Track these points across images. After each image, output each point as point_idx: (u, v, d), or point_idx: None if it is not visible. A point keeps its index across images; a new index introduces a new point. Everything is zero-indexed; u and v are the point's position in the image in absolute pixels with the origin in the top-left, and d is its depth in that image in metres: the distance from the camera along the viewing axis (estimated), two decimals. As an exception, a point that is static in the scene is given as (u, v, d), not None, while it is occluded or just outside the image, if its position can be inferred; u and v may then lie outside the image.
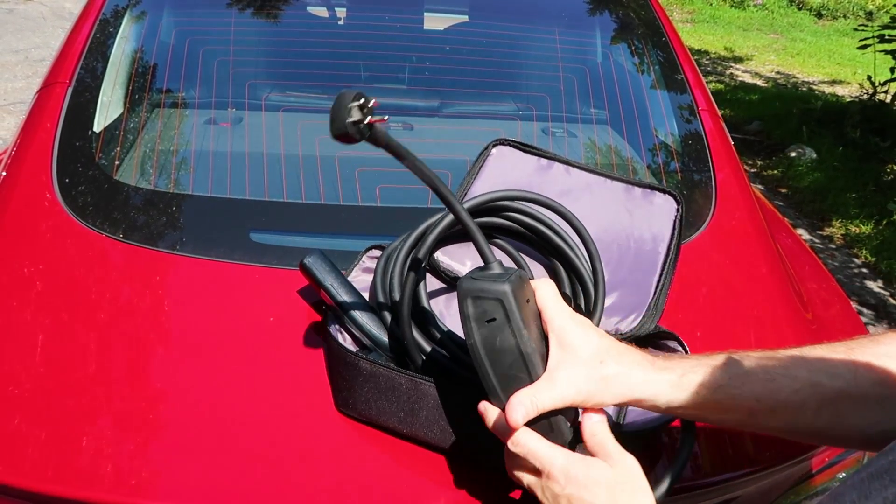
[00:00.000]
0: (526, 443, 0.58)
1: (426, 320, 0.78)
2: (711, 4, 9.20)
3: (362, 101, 0.51)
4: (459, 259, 0.88)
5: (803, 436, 0.62)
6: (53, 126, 1.08)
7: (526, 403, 0.57)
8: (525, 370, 0.58)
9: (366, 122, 0.51)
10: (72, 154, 1.05)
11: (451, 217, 0.82)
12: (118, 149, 1.11)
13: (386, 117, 0.53)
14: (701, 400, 0.59)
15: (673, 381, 0.59)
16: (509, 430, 0.59)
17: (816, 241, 3.33)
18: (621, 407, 0.70)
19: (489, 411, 0.61)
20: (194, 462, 0.71)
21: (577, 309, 0.83)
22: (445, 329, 0.78)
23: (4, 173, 1.04)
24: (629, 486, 0.56)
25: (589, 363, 0.59)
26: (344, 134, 0.51)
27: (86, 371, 0.79)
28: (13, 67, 4.84)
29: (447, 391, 0.71)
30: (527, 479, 0.60)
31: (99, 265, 0.93)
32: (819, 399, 0.58)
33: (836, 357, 0.59)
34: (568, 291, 0.85)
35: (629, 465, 0.57)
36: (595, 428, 0.59)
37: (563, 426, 0.60)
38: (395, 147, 0.55)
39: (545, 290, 0.62)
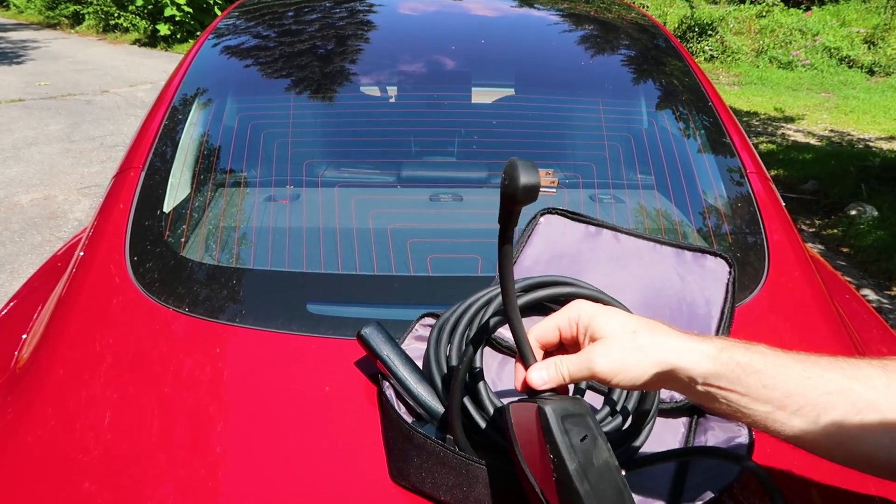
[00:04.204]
0: None
1: (479, 393, 0.78)
2: (758, 66, 9.21)
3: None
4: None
5: (824, 447, 0.58)
6: (127, 208, 1.16)
7: (549, 366, 0.56)
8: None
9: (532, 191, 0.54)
10: (143, 233, 1.12)
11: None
12: (185, 227, 1.17)
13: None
14: (735, 379, 0.57)
15: (711, 353, 0.58)
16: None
17: (884, 301, 3.19)
18: (655, 386, 0.61)
19: None
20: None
21: None
22: (498, 403, 0.78)
23: (82, 253, 1.11)
24: None
25: (621, 334, 0.57)
26: (530, 189, 0.52)
27: (150, 439, 0.82)
28: (89, 153, 5.19)
29: (498, 470, 0.70)
30: None
31: (165, 337, 0.97)
32: (849, 406, 0.56)
33: (871, 368, 0.58)
34: None
35: None
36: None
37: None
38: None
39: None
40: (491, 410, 0.76)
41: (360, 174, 1.45)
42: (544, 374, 0.57)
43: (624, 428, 0.76)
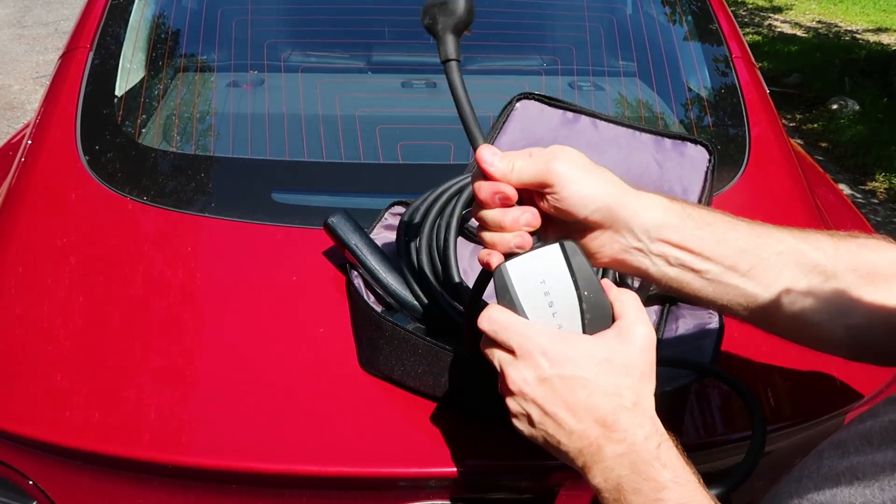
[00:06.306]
0: (499, 318, 0.50)
1: (451, 280, 0.77)
2: (749, -47, 8.82)
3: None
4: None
5: (776, 319, 0.58)
6: (76, 91, 1.08)
7: (500, 154, 0.51)
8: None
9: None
10: (95, 119, 1.06)
11: None
12: (141, 113, 1.10)
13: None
14: (688, 233, 0.55)
15: (665, 203, 0.55)
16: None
17: (858, 196, 3.22)
18: (601, 234, 0.55)
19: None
20: (224, 418, 0.72)
21: None
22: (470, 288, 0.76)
23: (30, 141, 1.04)
24: (636, 368, 0.49)
25: (582, 155, 0.53)
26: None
27: (120, 331, 0.80)
28: (44, 40, 4.90)
29: (468, 357, 0.69)
30: (498, 357, 0.51)
31: (125, 228, 0.94)
32: (797, 267, 0.57)
33: (819, 234, 0.60)
34: None
35: (638, 339, 0.50)
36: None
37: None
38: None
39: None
40: (461, 296, 0.75)
41: (328, 57, 1.37)
42: (496, 158, 0.51)
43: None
